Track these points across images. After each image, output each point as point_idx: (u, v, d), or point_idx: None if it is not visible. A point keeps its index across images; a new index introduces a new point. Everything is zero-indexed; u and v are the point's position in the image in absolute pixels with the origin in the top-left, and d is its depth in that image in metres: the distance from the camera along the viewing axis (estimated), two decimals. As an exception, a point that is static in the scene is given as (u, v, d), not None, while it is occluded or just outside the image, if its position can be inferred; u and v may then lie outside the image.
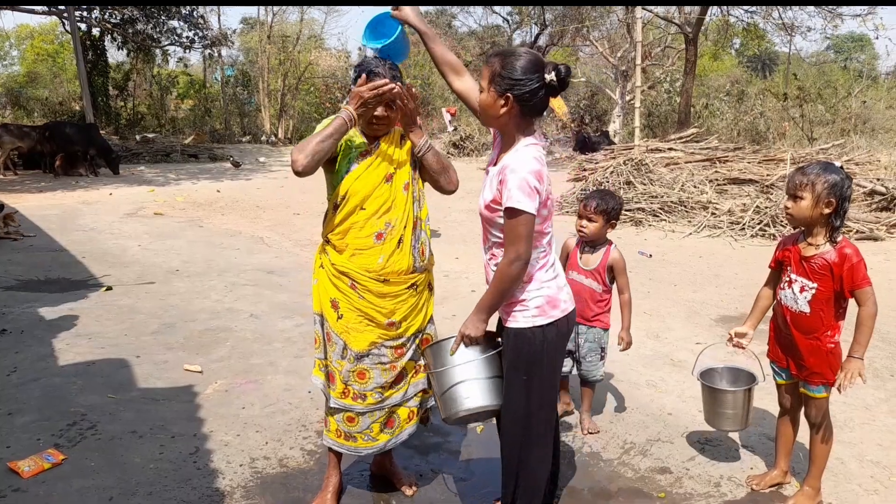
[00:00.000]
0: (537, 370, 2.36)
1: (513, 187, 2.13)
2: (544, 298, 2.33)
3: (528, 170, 2.16)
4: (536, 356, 2.34)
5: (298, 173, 2.39)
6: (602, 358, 3.51)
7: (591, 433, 3.50)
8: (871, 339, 2.61)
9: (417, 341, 2.72)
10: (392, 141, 2.63)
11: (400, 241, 2.59)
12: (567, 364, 3.57)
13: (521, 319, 2.33)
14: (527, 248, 2.19)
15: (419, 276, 2.68)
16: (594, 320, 3.45)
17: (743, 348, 2.93)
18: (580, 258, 3.47)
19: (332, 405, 2.68)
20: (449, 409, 2.40)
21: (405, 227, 2.60)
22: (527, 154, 2.21)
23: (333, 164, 2.59)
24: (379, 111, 2.52)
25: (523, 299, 2.33)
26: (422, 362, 2.67)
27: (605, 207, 3.33)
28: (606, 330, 3.49)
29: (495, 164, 2.32)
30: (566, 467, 3.16)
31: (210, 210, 10.95)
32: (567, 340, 2.48)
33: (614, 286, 3.50)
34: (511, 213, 2.15)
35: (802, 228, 2.73)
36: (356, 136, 2.60)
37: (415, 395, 2.77)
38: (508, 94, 2.18)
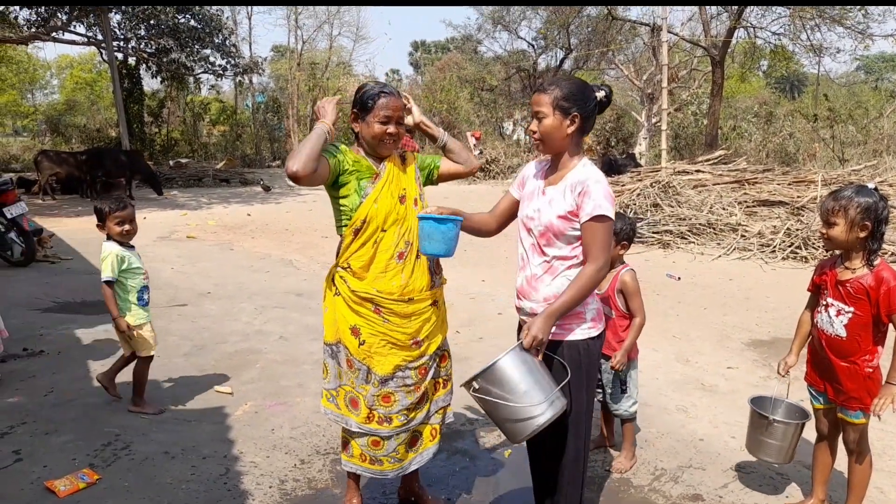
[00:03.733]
0: (591, 380, 2.42)
1: (599, 196, 2.25)
2: (596, 311, 2.42)
3: (607, 182, 2.31)
4: (592, 367, 2.41)
5: (296, 177, 2.37)
6: (625, 391, 3.34)
7: (611, 471, 3.34)
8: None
9: (438, 359, 2.74)
10: (396, 163, 2.68)
11: (418, 257, 2.61)
12: (598, 394, 3.45)
13: (578, 332, 2.37)
14: (610, 254, 2.31)
15: (437, 291, 2.72)
16: (613, 350, 3.28)
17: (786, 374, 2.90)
18: None
19: (355, 430, 2.66)
20: (519, 432, 2.24)
21: None
22: (596, 170, 2.34)
23: (336, 188, 2.58)
24: (391, 128, 2.56)
25: (581, 311, 2.36)
26: (475, 386, 2.37)
27: (616, 229, 3.19)
28: (630, 361, 3.32)
29: (552, 184, 2.39)
30: (594, 492, 3.13)
31: (241, 233, 11.11)
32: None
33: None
34: (599, 219, 2.25)
35: (840, 252, 2.70)
36: (362, 160, 2.61)
37: (436, 412, 2.78)
38: (576, 114, 2.30)
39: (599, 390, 3.45)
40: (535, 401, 2.20)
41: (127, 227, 3.79)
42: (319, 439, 3.65)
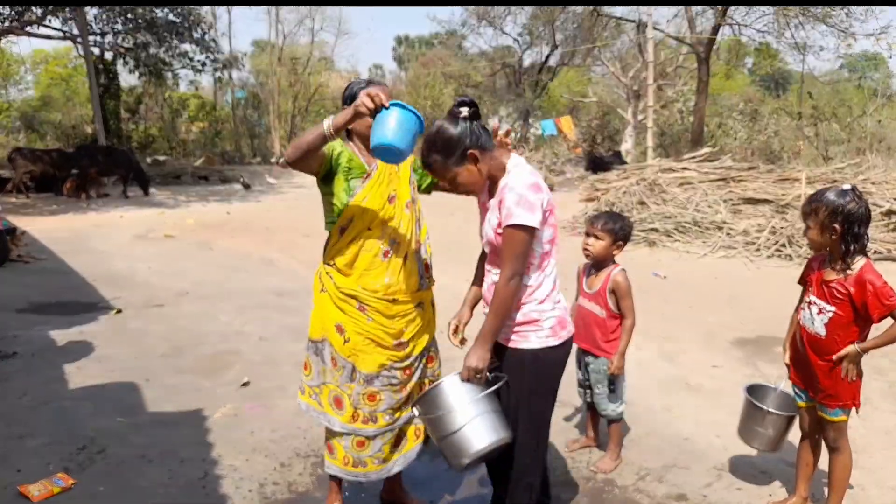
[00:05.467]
0: (546, 390, 2.38)
1: (511, 205, 2.18)
2: (556, 319, 2.36)
3: (525, 185, 2.21)
4: (548, 377, 2.37)
5: (287, 163, 2.49)
6: (613, 391, 3.33)
7: (594, 470, 3.31)
8: (893, 365, 2.55)
9: (424, 360, 2.71)
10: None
11: (405, 259, 2.59)
12: (585, 394, 3.47)
13: (534, 340, 2.33)
14: (523, 265, 2.24)
15: (425, 293, 2.69)
16: (601, 350, 3.28)
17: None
18: (586, 281, 3.37)
19: (338, 429, 2.63)
20: (459, 454, 2.27)
21: (409, 244, 2.61)
22: (520, 171, 2.27)
23: (329, 184, 2.57)
24: None
25: (537, 319, 2.32)
26: (415, 412, 2.46)
27: (613, 226, 3.21)
28: None
29: (492, 197, 2.36)
30: (580, 495, 3.10)
31: (220, 232, 11.00)
32: (568, 358, 2.46)
33: None
34: (512, 229, 2.18)
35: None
36: (354, 158, 2.57)
37: None
38: (470, 151, 2.22)
39: (586, 390, 3.45)
40: (470, 428, 2.23)
41: None
42: (300, 442, 3.59)
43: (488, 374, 2.30)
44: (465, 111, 2.24)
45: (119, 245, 9.61)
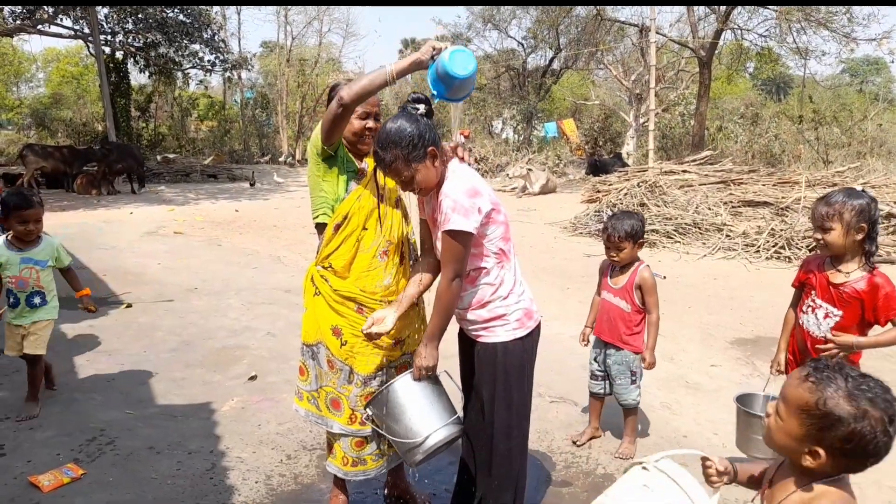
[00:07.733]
0: (518, 382, 2.42)
1: (447, 210, 2.22)
2: (522, 311, 2.41)
3: (461, 190, 2.24)
4: (518, 368, 2.41)
5: (342, 104, 2.39)
6: (634, 381, 3.46)
7: (620, 457, 3.44)
8: (893, 366, 2.59)
9: None
10: None
11: (402, 258, 2.61)
12: (599, 385, 3.58)
13: (502, 333, 2.39)
14: (462, 267, 2.28)
15: None
16: (624, 343, 3.42)
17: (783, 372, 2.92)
18: (611, 278, 3.49)
19: (337, 431, 2.64)
20: (413, 451, 2.37)
21: (403, 242, 2.63)
22: (457, 176, 2.31)
23: (331, 168, 2.57)
24: (370, 123, 2.56)
25: (503, 314, 2.38)
26: (368, 412, 2.52)
27: (631, 231, 3.33)
28: (637, 354, 3.45)
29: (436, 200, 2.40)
30: (580, 490, 3.16)
31: (228, 229, 11.07)
32: (537, 344, 2.51)
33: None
34: (448, 235, 2.22)
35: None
36: (348, 154, 2.60)
37: None
38: (429, 148, 2.25)
39: (599, 381, 3.57)
40: (423, 425, 2.34)
41: (30, 226, 4.11)
42: (306, 435, 3.65)
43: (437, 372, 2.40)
44: (421, 108, 2.28)
45: (129, 241, 9.68)
